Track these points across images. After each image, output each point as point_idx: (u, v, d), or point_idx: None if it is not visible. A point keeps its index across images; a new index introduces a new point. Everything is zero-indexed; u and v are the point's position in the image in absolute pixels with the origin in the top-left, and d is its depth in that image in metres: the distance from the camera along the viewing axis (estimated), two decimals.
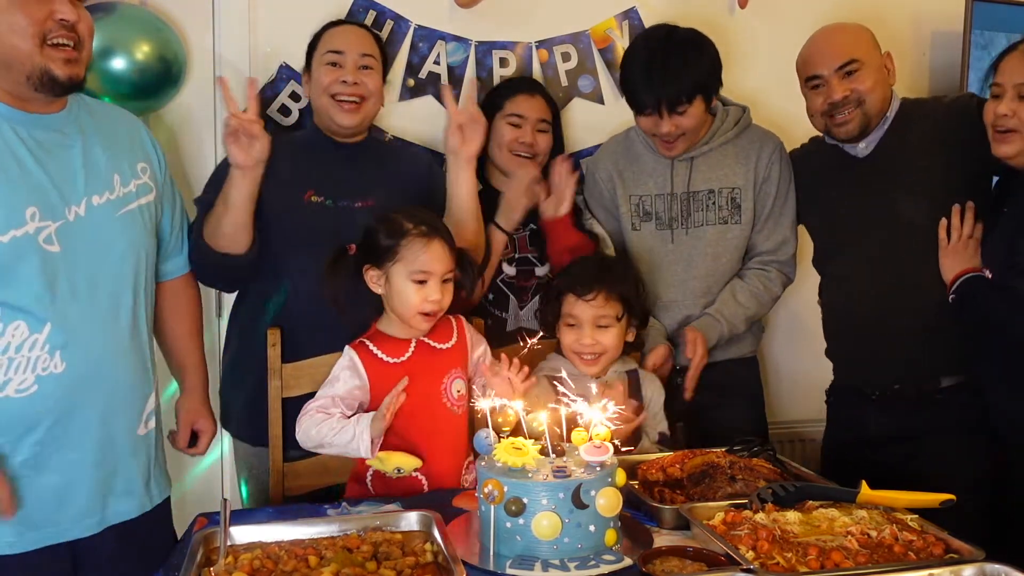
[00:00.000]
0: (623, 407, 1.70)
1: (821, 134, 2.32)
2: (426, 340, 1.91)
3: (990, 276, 2.02)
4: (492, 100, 2.46)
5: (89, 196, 1.71)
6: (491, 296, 2.36)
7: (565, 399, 1.60)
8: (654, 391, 2.12)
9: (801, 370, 2.91)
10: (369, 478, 1.88)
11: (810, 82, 2.21)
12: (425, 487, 1.85)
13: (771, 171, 2.35)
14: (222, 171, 2.04)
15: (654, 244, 2.37)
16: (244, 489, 2.23)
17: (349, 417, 1.81)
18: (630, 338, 2.11)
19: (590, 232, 2.42)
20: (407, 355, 1.89)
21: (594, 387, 1.77)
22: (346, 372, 1.86)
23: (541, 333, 2.06)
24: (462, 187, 2.12)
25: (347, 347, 1.90)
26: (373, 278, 1.89)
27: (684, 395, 2.21)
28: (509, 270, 2.38)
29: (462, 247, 1.97)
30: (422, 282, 1.84)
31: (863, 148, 2.23)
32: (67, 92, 1.68)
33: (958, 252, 2.08)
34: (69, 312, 1.65)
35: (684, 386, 2.21)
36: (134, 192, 1.80)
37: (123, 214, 1.76)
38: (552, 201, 2.34)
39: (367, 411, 1.84)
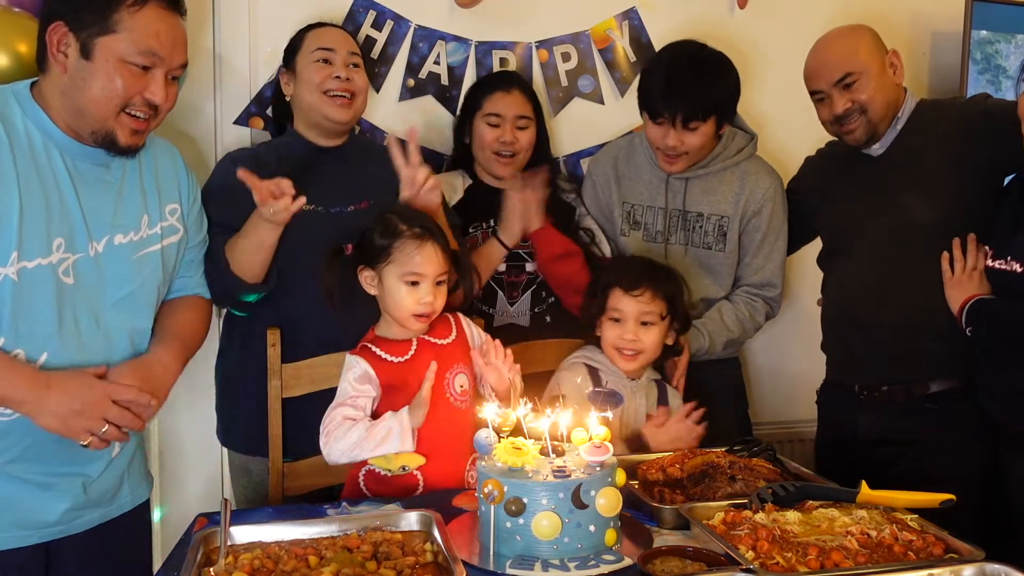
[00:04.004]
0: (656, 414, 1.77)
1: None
2: (426, 337, 1.91)
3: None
4: (471, 99, 2.46)
5: (113, 234, 1.70)
6: None
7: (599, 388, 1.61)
8: (676, 403, 2.13)
9: (795, 370, 2.92)
10: (362, 478, 1.85)
11: (814, 96, 2.24)
12: (421, 485, 1.83)
13: (763, 207, 2.34)
14: (230, 202, 1.99)
15: (639, 253, 2.37)
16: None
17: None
18: (670, 341, 2.13)
19: (586, 229, 2.42)
20: (410, 354, 1.88)
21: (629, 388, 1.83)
22: (356, 379, 1.84)
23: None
24: None
25: (349, 355, 1.87)
26: (367, 279, 1.89)
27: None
28: (500, 265, 2.36)
29: (456, 249, 1.96)
30: (415, 283, 1.84)
31: (877, 148, 2.23)
32: (120, 155, 1.68)
33: (962, 284, 2.08)
34: (69, 343, 1.64)
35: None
36: (159, 234, 1.79)
37: (141, 256, 1.75)
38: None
39: (376, 414, 1.83)
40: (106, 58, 1.60)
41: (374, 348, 1.87)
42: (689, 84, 2.18)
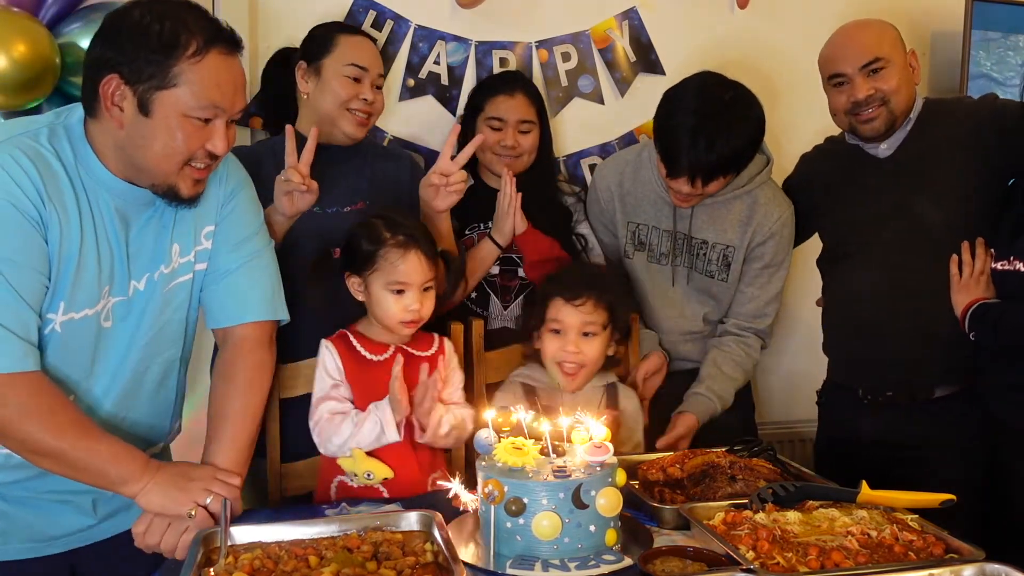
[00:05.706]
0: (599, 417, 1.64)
1: (839, 132, 2.28)
2: (405, 347, 1.89)
3: None
4: (473, 101, 2.43)
5: (152, 272, 1.66)
6: (473, 295, 2.33)
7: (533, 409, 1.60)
8: (631, 405, 2.09)
9: (795, 371, 2.92)
10: (334, 487, 1.85)
11: (833, 80, 2.15)
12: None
13: (768, 239, 2.25)
14: None
15: (643, 275, 2.35)
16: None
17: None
18: (611, 352, 2.06)
19: (579, 235, 2.40)
20: (387, 354, 1.87)
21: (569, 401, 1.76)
22: (323, 369, 1.85)
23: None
24: (436, 230, 2.07)
25: (324, 341, 1.87)
26: (354, 285, 1.88)
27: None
28: (492, 269, 2.34)
29: (444, 249, 1.95)
30: (400, 292, 1.83)
31: (884, 149, 2.18)
32: (183, 205, 1.62)
33: (969, 287, 2.07)
34: (97, 384, 1.63)
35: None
36: (192, 261, 1.72)
37: (172, 288, 1.70)
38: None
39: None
40: (166, 114, 1.49)
41: (352, 339, 1.87)
42: (711, 149, 2.04)
